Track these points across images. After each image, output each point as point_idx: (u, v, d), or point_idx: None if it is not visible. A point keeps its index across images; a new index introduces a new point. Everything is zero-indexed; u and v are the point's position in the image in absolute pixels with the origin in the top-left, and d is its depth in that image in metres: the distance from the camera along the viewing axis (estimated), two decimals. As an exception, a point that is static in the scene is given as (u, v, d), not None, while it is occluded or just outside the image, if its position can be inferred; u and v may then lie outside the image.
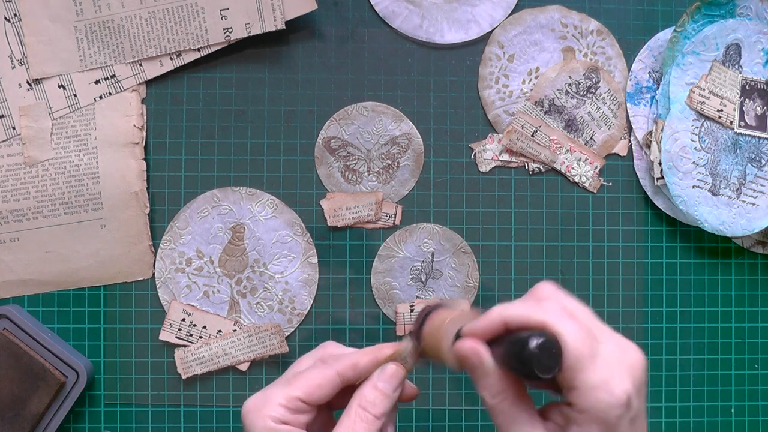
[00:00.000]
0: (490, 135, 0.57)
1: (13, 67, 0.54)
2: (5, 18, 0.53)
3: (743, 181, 0.57)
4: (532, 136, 0.57)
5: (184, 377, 0.55)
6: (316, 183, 0.57)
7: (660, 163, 0.56)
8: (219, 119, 0.56)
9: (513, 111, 0.57)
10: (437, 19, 0.57)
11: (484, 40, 0.57)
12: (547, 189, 0.58)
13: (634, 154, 0.58)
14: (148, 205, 0.55)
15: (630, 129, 0.58)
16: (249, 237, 0.56)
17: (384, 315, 0.56)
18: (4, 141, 0.54)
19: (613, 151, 0.58)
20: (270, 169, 0.56)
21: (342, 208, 0.56)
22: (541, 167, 0.58)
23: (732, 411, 0.58)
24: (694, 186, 0.56)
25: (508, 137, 0.57)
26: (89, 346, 0.55)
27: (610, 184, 0.58)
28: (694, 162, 0.57)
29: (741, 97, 0.57)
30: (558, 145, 0.57)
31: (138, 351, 0.55)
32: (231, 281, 0.56)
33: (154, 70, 0.55)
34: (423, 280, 0.57)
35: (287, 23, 0.54)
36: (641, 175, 0.58)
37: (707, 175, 0.57)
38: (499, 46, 0.57)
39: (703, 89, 0.57)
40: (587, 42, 0.58)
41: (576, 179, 0.58)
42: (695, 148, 0.57)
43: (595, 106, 0.58)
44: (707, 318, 0.58)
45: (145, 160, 0.55)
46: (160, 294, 0.55)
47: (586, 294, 0.58)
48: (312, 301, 0.56)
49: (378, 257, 0.57)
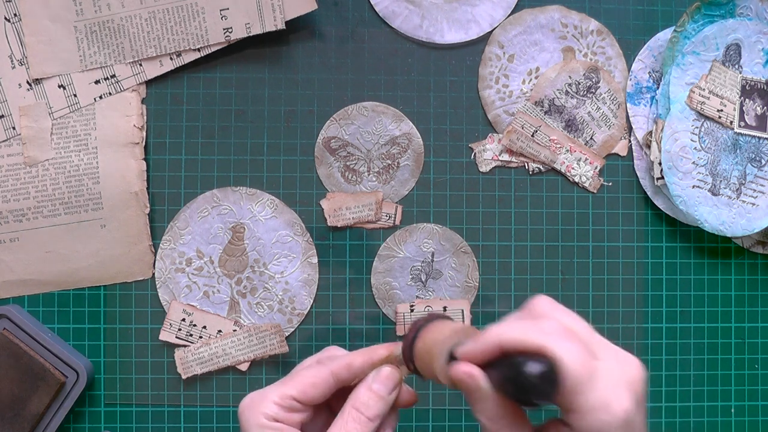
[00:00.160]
0: (490, 135, 0.57)
1: (13, 67, 0.54)
2: (5, 18, 0.53)
3: (743, 181, 0.57)
4: (532, 136, 0.57)
5: (184, 377, 0.55)
6: (316, 183, 0.57)
7: (660, 163, 0.56)
8: (219, 119, 0.56)
9: (513, 111, 0.57)
10: (437, 19, 0.57)
11: (484, 40, 0.57)
12: (547, 189, 0.58)
13: (634, 154, 0.58)
14: (148, 205, 0.55)
15: (630, 129, 0.58)
16: (249, 237, 0.56)
17: (384, 315, 0.56)
18: (4, 141, 0.54)
19: (613, 151, 0.58)
20: (270, 169, 0.56)
21: (342, 208, 0.56)
22: (541, 167, 0.58)
23: (732, 411, 0.58)
24: (694, 186, 0.56)
25: (508, 137, 0.57)
26: (89, 346, 0.55)
27: (610, 184, 0.58)
28: (694, 162, 0.57)
29: (741, 97, 0.57)
30: (558, 145, 0.57)
31: (138, 351, 0.55)
32: (231, 281, 0.56)
33: (154, 70, 0.55)
34: (423, 280, 0.57)
35: (287, 23, 0.54)
36: (641, 175, 0.58)
37: (707, 175, 0.57)
38: (499, 46, 0.57)
39: (703, 89, 0.57)
40: (587, 42, 0.58)
41: (576, 179, 0.58)
42: (695, 148, 0.57)
43: (595, 106, 0.58)
44: (707, 318, 0.58)
45: (145, 160, 0.55)
46: (160, 294, 0.55)
47: (586, 294, 0.58)
48: (312, 301, 0.56)
49: (378, 257, 0.57)
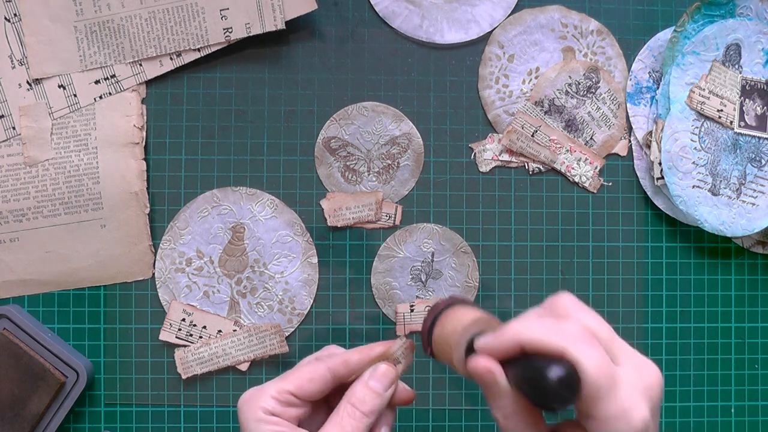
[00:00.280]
0: (490, 135, 0.57)
1: (13, 67, 0.54)
2: (5, 18, 0.53)
3: (743, 181, 0.57)
4: (532, 136, 0.57)
5: (184, 377, 0.55)
6: (316, 183, 0.57)
7: (660, 163, 0.56)
8: (219, 119, 0.56)
9: (513, 111, 0.57)
10: (437, 19, 0.57)
11: (484, 40, 0.57)
12: (547, 189, 0.58)
13: (634, 154, 0.58)
14: (148, 205, 0.55)
15: (630, 129, 0.58)
16: (249, 237, 0.56)
17: (384, 315, 0.56)
18: (4, 141, 0.54)
19: (613, 151, 0.58)
20: (270, 169, 0.56)
21: (342, 208, 0.56)
22: (541, 167, 0.58)
23: (732, 411, 0.58)
24: (694, 186, 0.56)
25: (508, 137, 0.57)
26: (89, 346, 0.55)
27: (610, 184, 0.58)
28: (694, 162, 0.57)
29: (741, 97, 0.57)
30: (558, 145, 0.57)
31: (138, 351, 0.55)
32: (231, 281, 0.56)
33: (154, 70, 0.55)
34: (423, 280, 0.57)
35: (287, 23, 0.54)
36: (641, 175, 0.58)
37: (707, 175, 0.57)
38: (499, 46, 0.57)
39: (703, 89, 0.57)
40: (587, 42, 0.58)
41: (576, 179, 0.58)
42: (695, 148, 0.57)
43: (595, 106, 0.58)
44: (707, 318, 0.58)
45: (145, 160, 0.55)
46: (160, 294, 0.55)
47: (586, 294, 0.58)
48: (312, 301, 0.56)
49: (378, 257, 0.57)
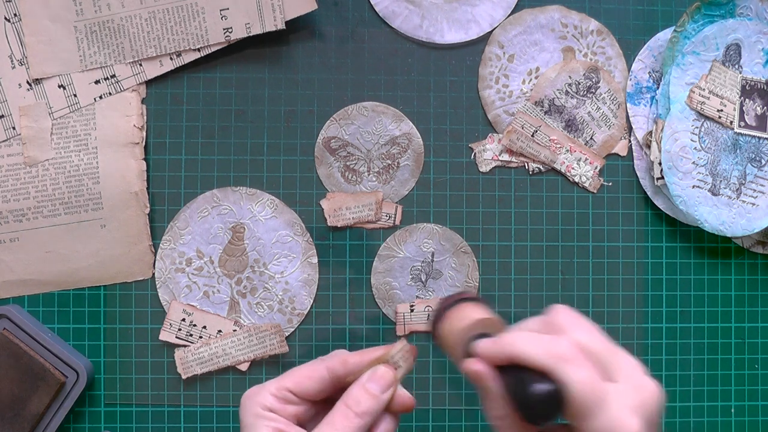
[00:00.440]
0: (490, 135, 0.57)
1: (13, 67, 0.54)
2: (5, 18, 0.53)
3: (743, 181, 0.57)
4: (532, 136, 0.57)
5: (184, 377, 0.55)
6: (316, 183, 0.57)
7: (660, 163, 0.56)
8: (219, 119, 0.56)
9: (513, 111, 0.57)
10: (437, 19, 0.57)
11: (484, 40, 0.57)
12: (547, 189, 0.58)
13: (634, 154, 0.58)
14: (148, 205, 0.55)
15: (630, 129, 0.58)
16: (249, 237, 0.56)
17: (384, 315, 0.56)
18: (4, 141, 0.54)
19: (613, 151, 0.58)
20: (270, 169, 0.56)
21: (342, 208, 0.56)
22: (541, 167, 0.58)
23: (732, 411, 0.58)
24: (694, 186, 0.56)
25: (508, 137, 0.57)
26: (89, 346, 0.55)
27: (610, 184, 0.58)
28: (694, 162, 0.57)
29: (741, 97, 0.57)
30: (558, 145, 0.57)
31: (138, 351, 0.55)
32: (231, 281, 0.56)
33: (154, 70, 0.55)
34: (423, 280, 0.57)
35: (287, 23, 0.54)
36: (641, 175, 0.58)
37: (707, 175, 0.57)
38: (499, 46, 0.57)
39: (703, 89, 0.57)
40: (587, 42, 0.58)
41: (576, 179, 0.58)
42: (695, 148, 0.57)
43: (595, 106, 0.58)
44: (707, 318, 0.58)
45: (145, 160, 0.55)
46: (160, 294, 0.55)
47: (586, 294, 0.58)
48: (312, 301, 0.56)
49: (378, 257, 0.57)
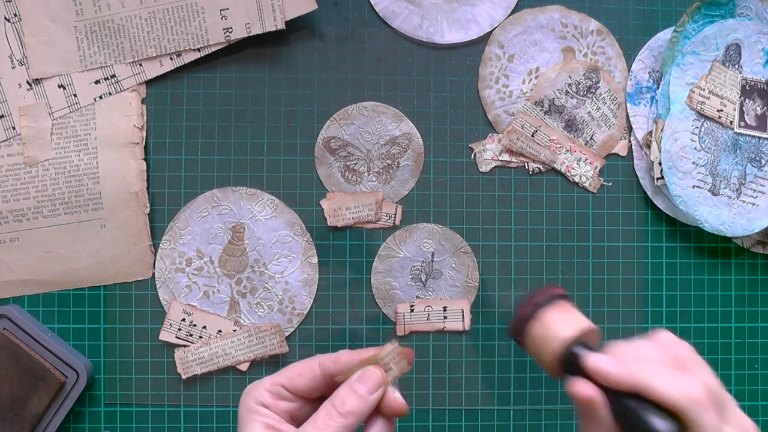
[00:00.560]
0: (490, 135, 0.57)
1: (13, 67, 0.54)
2: (5, 18, 0.53)
3: (743, 181, 0.57)
4: (532, 136, 0.57)
5: (184, 377, 0.55)
6: (316, 183, 0.57)
7: (660, 163, 0.56)
8: (219, 119, 0.56)
9: (513, 111, 0.57)
10: (437, 19, 0.57)
11: (484, 40, 0.57)
12: (547, 189, 0.58)
13: (634, 154, 0.58)
14: (148, 205, 0.55)
15: (630, 129, 0.58)
16: (249, 237, 0.56)
17: (384, 315, 0.56)
18: (4, 141, 0.54)
19: (613, 151, 0.58)
20: (270, 169, 0.56)
21: (342, 208, 0.56)
22: (541, 167, 0.58)
23: (732, 411, 0.58)
24: (694, 186, 0.56)
25: (508, 137, 0.57)
26: (89, 346, 0.55)
27: (610, 184, 0.58)
28: (694, 162, 0.57)
29: (741, 97, 0.57)
30: (558, 145, 0.57)
31: (138, 351, 0.55)
32: (231, 281, 0.56)
33: (154, 70, 0.55)
34: (423, 280, 0.57)
35: (287, 23, 0.54)
36: (641, 175, 0.58)
37: (707, 175, 0.57)
38: (499, 46, 0.57)
39: (703, 89, 0.57)
40: (587, 42, 0.58)
41: (576, 179, 0.58)
42: (695, 148, 0.57)
43: (595, 106, 0.58)
44: (707, 318, 0.58)
45: (145, 160, 0.55)
46: (160, 294, 0.55)
47: (586, 294, 0.58)
48: (312, 301, 0.56)
49: (378, 257, 0.57)
